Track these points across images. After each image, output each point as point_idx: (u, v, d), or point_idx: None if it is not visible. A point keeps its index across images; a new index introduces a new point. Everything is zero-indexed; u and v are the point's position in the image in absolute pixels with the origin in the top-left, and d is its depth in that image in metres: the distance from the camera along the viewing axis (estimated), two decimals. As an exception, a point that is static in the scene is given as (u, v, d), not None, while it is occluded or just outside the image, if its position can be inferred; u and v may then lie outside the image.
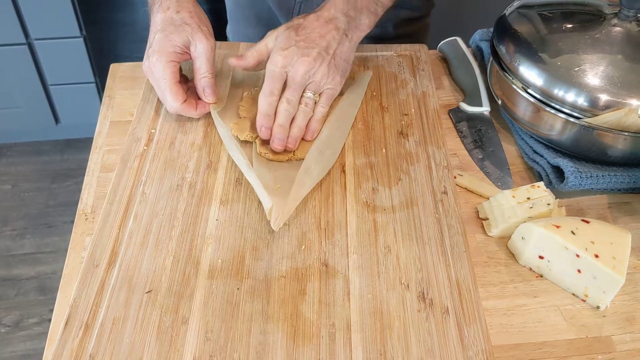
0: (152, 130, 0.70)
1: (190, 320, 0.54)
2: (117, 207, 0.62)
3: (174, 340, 0.52)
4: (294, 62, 0.68)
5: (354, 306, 0.55)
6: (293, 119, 0.69)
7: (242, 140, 0.69)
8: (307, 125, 0.70)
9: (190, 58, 0.70)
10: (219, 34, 1.06)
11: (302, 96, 0.69)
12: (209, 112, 0.72)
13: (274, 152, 0.68)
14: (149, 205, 0.62)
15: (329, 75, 0.69)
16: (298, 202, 0.62)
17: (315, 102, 0.70)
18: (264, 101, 0.68)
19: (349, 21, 0.72)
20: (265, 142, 0.68)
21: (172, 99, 0.68)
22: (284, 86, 0.69)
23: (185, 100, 0.69)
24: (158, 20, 0.70)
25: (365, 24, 0.73)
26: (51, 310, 1.54)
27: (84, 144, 1.99)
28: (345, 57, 0.71)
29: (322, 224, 0.62)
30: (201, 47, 0.69)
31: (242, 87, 0.77)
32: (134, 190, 0.64)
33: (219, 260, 0.58)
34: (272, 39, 0.71)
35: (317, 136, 0.70)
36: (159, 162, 0.67)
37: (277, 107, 0.68)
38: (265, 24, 0.97)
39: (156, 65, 0.68)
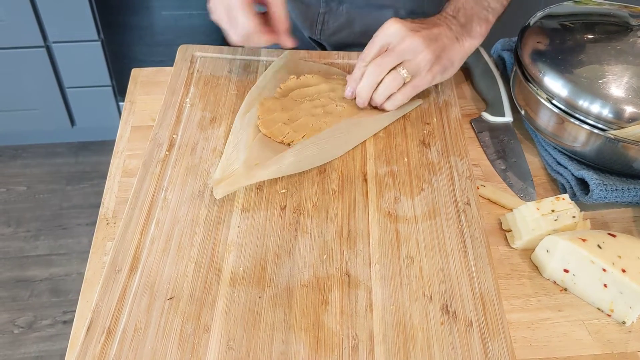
0: (174, 136, 0.70)
1: (212, 328, 0.53)
2: (138, 213, 0.62)
3: (195, 349, 0.52)
4: (402, 34, 0.66)
5: (376, 317, 0.55)
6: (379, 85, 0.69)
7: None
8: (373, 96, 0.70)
9: None
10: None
11: (394, 69, 0.68)
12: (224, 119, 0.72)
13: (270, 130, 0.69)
14: (170, 211, 0.62)
15: (428, 64, 0.68)
16: (247, 182, 0.63)
17: (404, 84, 0.69)
18: (356, 68, 0.70)
19: (460, 26, 0.71)
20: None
21: (245, 18, 0.66)
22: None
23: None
24: None
25: (477, 32, 0.72)
26: (65, 312, 1.56)
27: (98, 147, 2.00)
28: (450, 56, 0.70)
29: (344, 233, 0.61)
30: None
31: (260, 92, 0.76)
32: (155, 195, 0.64)
33: (241, 268, 0.58)
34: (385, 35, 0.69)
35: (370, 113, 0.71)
36: (180, 167, 0.67)
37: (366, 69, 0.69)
38: None
39: None
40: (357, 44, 0.91)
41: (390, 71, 0.68)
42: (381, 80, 0.69)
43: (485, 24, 0.73)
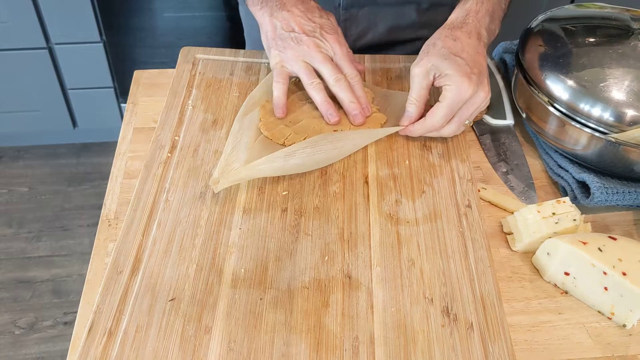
0: (176, 137, 0.70)
1: (213, 329, 0.53)
2: (140, 214, 0.62)
3: (197, 350, 0.52)
4: (471, 93, 0.67)
5: (377, 319, 0.55)
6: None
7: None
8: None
9: None
10: (240, 43, 1.06)
11: None
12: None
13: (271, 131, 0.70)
14: (172, 212, 0.62)
15: (486, 101, 0.69)
16: (248, 175, 0.64)
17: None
18: (431, 124, 0.69)
19: (489, 35, 0.72)
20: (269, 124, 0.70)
21: (351, 66, 0.71)
22: None
23: None
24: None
25: (496, 33, 0.74)
26: (66, 313, 1.56)
27: (100, 148, 2.01)
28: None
29: (346, 235, 0.61)
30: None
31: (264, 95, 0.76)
32: (157, 197, 0.64)
33: (242, 270, 0.58)
34: (425, 71, 0.68)
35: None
36: (182, 169, 0.67)
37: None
38: None
39: (334, 41, 0.71)
40: (383, 43, 0.90)
41: None
42: None
43: (499, 21, 0.75)
